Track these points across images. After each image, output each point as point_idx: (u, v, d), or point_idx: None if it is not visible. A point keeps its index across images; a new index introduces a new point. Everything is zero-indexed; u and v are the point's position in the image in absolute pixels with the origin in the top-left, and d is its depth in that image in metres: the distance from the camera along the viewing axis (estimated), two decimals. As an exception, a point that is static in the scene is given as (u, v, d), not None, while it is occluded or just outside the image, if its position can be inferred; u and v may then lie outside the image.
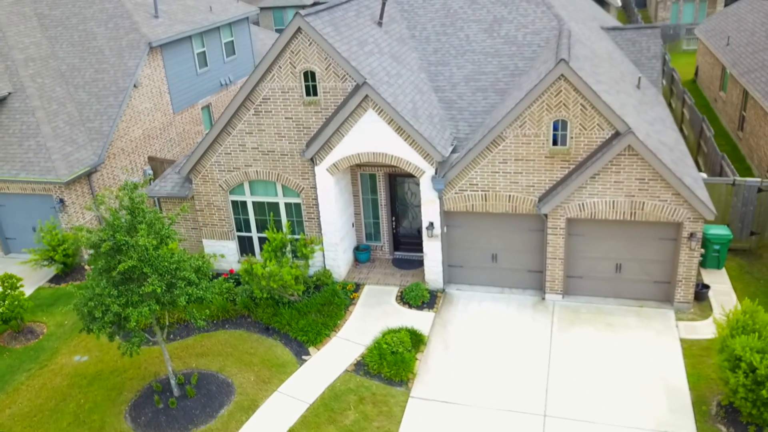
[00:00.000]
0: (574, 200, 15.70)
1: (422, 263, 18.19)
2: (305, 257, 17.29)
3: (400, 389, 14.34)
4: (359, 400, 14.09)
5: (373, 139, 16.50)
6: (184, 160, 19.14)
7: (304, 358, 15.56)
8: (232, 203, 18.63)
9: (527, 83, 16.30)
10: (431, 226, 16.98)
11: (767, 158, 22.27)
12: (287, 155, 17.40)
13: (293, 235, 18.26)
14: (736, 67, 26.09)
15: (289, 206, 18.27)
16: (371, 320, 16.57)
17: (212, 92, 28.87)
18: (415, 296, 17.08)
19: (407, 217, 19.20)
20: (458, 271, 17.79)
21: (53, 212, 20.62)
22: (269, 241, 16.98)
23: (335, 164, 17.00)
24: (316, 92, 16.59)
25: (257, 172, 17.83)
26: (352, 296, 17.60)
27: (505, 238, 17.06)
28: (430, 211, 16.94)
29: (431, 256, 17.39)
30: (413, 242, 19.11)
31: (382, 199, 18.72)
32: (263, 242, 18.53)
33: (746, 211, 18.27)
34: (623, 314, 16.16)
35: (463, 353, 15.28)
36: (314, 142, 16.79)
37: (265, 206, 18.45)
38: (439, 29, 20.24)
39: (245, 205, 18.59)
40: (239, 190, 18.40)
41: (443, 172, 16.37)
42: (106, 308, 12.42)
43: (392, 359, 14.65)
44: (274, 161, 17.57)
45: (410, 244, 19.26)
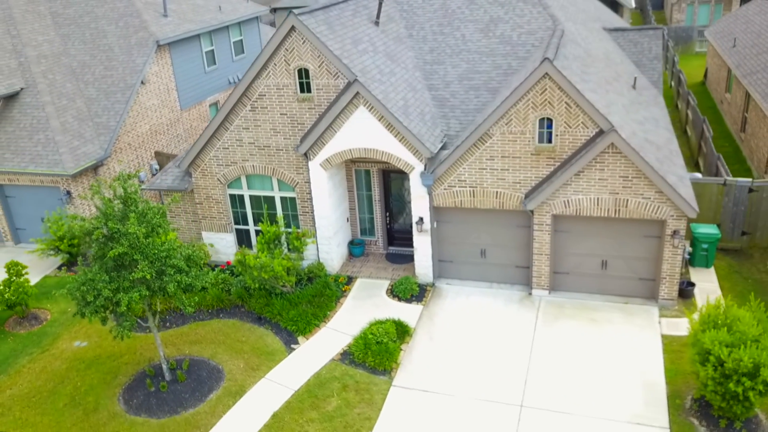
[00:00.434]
0: (559, 197, 15.96)
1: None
2: (297, 250, 17.78)
3: (383, 378, 14.73)
4: (343, 387, 14.52)
5: (364, 135, 16.92)
6: (184, 154, 19.71)
7: (293, 347, 16.02)
8: (230, 197, 19.18)
9: (516, 82, 16.59)
10: (421, 221, 17.34)
11: (765, 159, 22.26)
12: (282, 150, 17.89)
13: (287, 228, 18.74)
14: (740, 68, 26.05)
15: (284, 200, 18.76)
16: (361, 312, 16.98)
17: (220, 90, 29.51)
18: (404, 289, 17.46)
19: (401, 212, 19.56)
20: (448, 265, 18.13)
21: (60, 204, 21.34)
22: (263, 233, 17.49)
23: (328, 159, 17.44)
24: (309, 89, 17.05)
25: (254, 166, 18.33)
26: (343, 289, 18.03)
27: (493, 233, 17.37)
28: (419, 206, 17.31)
29: (421, 250, 17.76)
30: (407, 237, 19.46)
31: (376, 194, 19.11)
32: (260, 235, 19.03)
33: (737, 211, 18.36)
34: (608, 310, 16.38)
35: (447, 345, 15.63)
36: (308, 137, 17.24)
37: (261, 200, 18.97)
38: (436, 29, 20.59)
39: (242, 198, 19.12)
40: (237, 183, 18.94)
41: (432, 168, 16.73)
42: (97, 293, 13.01)
43: (377, 349, 15.05)
44: (269, 156, 18.07)
45: (404, 239, 19.62)
